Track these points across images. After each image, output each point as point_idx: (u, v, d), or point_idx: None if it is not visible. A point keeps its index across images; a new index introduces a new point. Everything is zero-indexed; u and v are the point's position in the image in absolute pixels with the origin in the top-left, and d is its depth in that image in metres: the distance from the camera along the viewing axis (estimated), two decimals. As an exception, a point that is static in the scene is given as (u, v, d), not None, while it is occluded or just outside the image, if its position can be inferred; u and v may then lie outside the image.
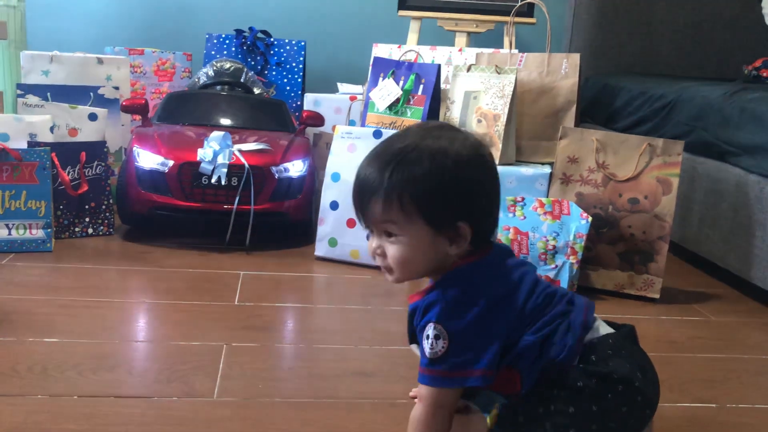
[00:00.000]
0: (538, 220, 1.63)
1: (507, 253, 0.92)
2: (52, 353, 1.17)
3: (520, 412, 0.85)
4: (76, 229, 1.84)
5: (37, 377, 1.09)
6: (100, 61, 2.28)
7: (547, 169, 1.76)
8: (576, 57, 1.89)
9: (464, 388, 0.85)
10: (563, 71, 1.89)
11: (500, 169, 1.72)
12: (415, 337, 0.88)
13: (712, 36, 2.82)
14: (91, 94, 2.13)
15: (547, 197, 1.71)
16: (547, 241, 1.61)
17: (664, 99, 2.09)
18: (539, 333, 0.85)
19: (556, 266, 1.62)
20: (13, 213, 1.70)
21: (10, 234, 1.70)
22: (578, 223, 1.61)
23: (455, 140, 0.85)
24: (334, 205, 1.79)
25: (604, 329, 0.89)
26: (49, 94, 2.07)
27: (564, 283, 1.61)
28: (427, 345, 0.83)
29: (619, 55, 2.80)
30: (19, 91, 2.07)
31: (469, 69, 1.87)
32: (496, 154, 1.78)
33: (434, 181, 0.83)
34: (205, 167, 1.76)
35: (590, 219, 1.61)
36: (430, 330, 0.83)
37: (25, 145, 1.81)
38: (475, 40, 2.48)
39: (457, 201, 0.84)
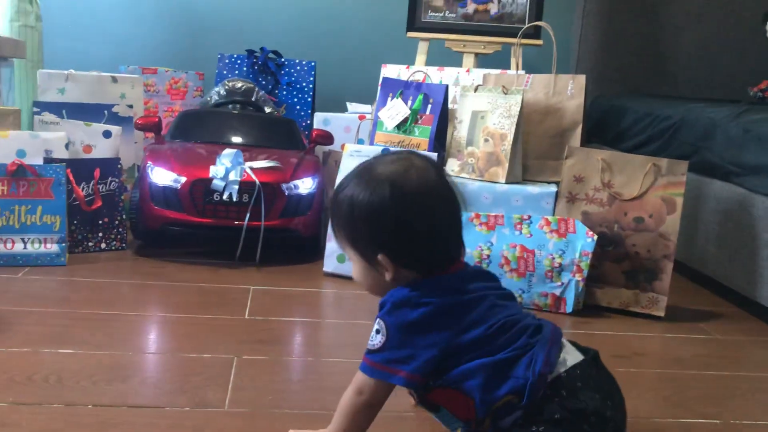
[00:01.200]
0: (545, 238, 1.66)
1: (474, 275, 0.95)
2: (67, 364, 1.19)
3: None
4: (90, 244, 1.88)
5: (53, 387, 1.11)
6: (114, 79, 2.33)
7: (553, 188, 1.79)
8: (582, 78, 1.92)
9: (392, 386, 0.90)
10: (569, 92, 1.92)
11: (507, 187, 1.77)
12: None
13: (718, 58, 2.85)
14: (106, 111, 2.18)
15: (553, 216, 1.73)
16: (553, 258, 1.63)
17: (669, 120, 2.12)
18: (488, 359, 0.87)
19: (562, 284, 1.64)
20: (28, 227, 1.73)
21: (25, 248, 1.73)
22: (584, 241, 1.63)
23: (385, 179, 0.89)
24: (343, 222, 1.82)
25: (573, 358, 0.89)
26: (64, 111, 2.12)
27: (570, 300, 1.63)
28: (371, 336, 0.90)
29: (625, 76, 2.84)
30: (35, 109, 2.12)
31: (476, 89, 1.91)
32: (503, 173, 1.81)
33: (350, 218, 0.92)
34: (217, 184, 1.79)
35: (596, 237, 1.63)
36: (375, 324, 0.90)
37: (41, 161, 1.85)
38: (483, 61, 2.52)
39: (371, 235, 0.91)
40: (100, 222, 1.88)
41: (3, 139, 1.92)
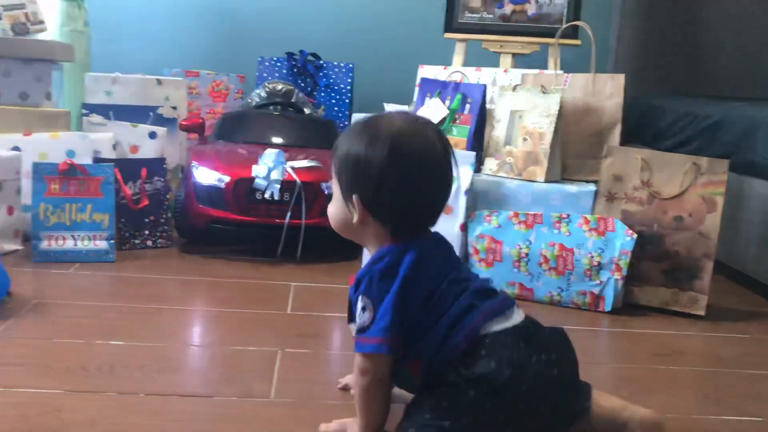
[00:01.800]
0: (583, 237, 1.66)
1: (436, 242, 0.99)
2: (118, 355, 1.24)
3: (412, 404, 0.94)
4: (136, 242, 1.93)
5: (106, 376, 1.16)
6: (159, 82, 2.39)
7: (592, 187, 1.79)
8: (621, 78, 1.92)
9: (391, 356, 0.92)
10: (608, 91, 1.92)
11: (545, 186, 1.78)
12: (353, 316, 0.96)
13: (758, 56, 2.81)
14: (151, 113, 2.24)
15: (592, 214, 1.74)
16: (592, 257, 1.64)
17: (709, 119, 2.11)
18: (439, 324, 0.91)
19: (601, 282, 1.64)
20: (78, 225, 1.79)
21: (75, 245, 1.79)
22: (623, 239, 1.63)
23: (389, 135, 0.93)
24: (382, 221, 1.84)
25: (496, 326, 0.90)
26: (111, 113, 2.19)
27: (609, 298, 1.63)
28: (358, 316, 0.93)
29: (664, 75, 2.82)
30: (83, 111, 2.19)
31: (514, 89, 1.92)
32: (541, 172, 1.82)
33: (346, 154, 0.95)
34: (260, 183, 1.84)
35: (635, 236, 1.63)
36: (359, 302, 0.93)
37: (90, 161, 1.91)
38: (520, 61, 2.53)
39: (354, 178, 0.94)
40: (147, 220, 1.94)
41: (54, 140, 1.99)
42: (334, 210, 1.00)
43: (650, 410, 0.97)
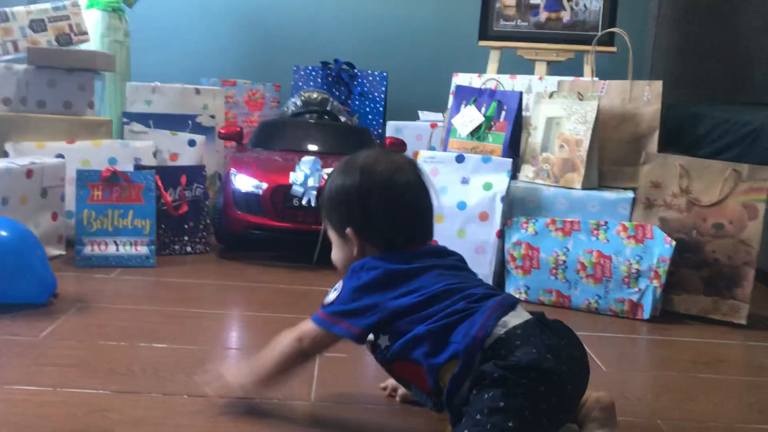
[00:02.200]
0: (621, 244, 1.65)
1: (428, 252, 1.04)
2: (161, 357, 1.26)
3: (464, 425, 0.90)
4: (176, 247, 1.97)
5: (150, 377, 1.18)
6: (197, 91, 2.43)
7: (630, 194, 1.78)
8: (658, 84, 1.91)
9: (331, 338, 1.01)
10: (645, 98, 1.91)
11: (583, 193, 1.78)
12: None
13: (800, 63, 2.77)
14: (190, 121, 2.28)
15: (630, 221, 1.72)
16: (630, 264, 1.63)
17: (749, 126, 2.08)
18: (426, 325, 0.94)
19: (639, 290, 1.63)
20: (121, 230, 1.83)
21: (117, 250, 1.83)
22: (662, 247, 1.62)
23: (359, 166, 1.03)
24: (417, 227, 1.85)
25: (516, 320, 0.92)
26: (151, 121, 2.23)
27: (647, 306, 1.62)
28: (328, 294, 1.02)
29: (702, 82, 2.79)
30: (124, 119, 2.24)
31: (551, 96, 1.92)
32: (579, 178, 1.81)
33: (330, 197, 1.06)
34: (297, 190, 1.86)
35: (674, 243, 1.61)
36: (336, 284, 1.02)
37: (131, 169, 1.95)
38: (555, 68, 2.52)
39: (341, 213, 1.04)
40: (186, 226, 1.97)
41: (96, 148, 2.04)
42: (337, 253, 1.09)
43: (603, 392, 1.00)
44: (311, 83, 2.82)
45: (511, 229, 1.76)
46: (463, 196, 1.81)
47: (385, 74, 2.81)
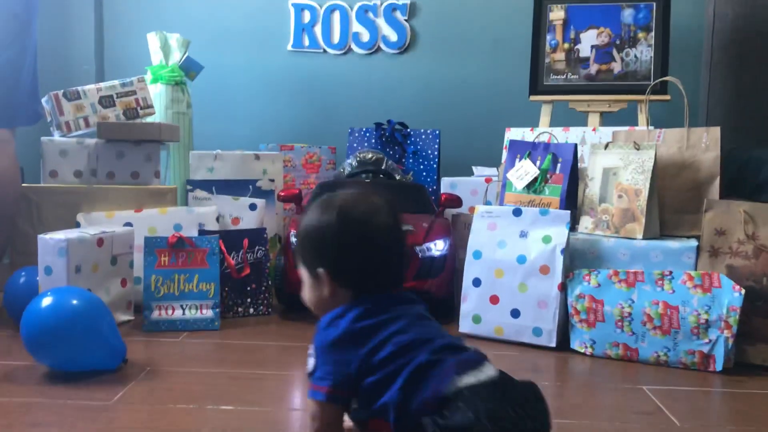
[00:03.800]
0: (688, 294, 1.61)
1: (398, 299, 1.04)
2: (229, 419, 1.28)
3: None
4: (239, 309, 2.00)
5: (219, 440, 1.20)
6: (257, 157, 2.51)
7: (693, 242, 1.74)
8: (716, 130, 1.89)
9: (332, 405, 0.98)
10: (704, 145, 1.89)
11: (645, 243, 1.75)
12: None
13: None
14: (250, 186, 2.35)
15: (696, 270, 1.68)
16: (699, 315, 1.58)
17: (815, 168, 2.03)
18: (395, 382, 0.93)
19: (710, 341, 1.58)
20: (186, 294, 1.88)
21: (183, 314, 1.87)
22: (731, 296, 1.57)
23: (336, 205, 1.03)
24: (476, 282, 1.85)
25: (471, 380, 0.91)
26: (214, 188, 2.31)
27: (720, 358, 1.57)
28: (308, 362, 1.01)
29: (759, 127, 2.73)
30: (188, 187, 2.32)
31: (606, 146, 1.92)
32: (640, 228, 1.78)
33: (304, 236, 1.06)
34: (356, 249, 1.88)
35: (743, 291, 1.57)
36: (309, 348, 1.01)
37: (195, 234, 2.01)
38: (608, 118, 2.52)
39: (315, 252, 1.04)
40: (249, 288, 2.01)
41: (162, 215, 2.12)
42: (307, 293, 1.09)
43: None
44: (366, 144, 2.88)
45: (573, 282, 1.73)
46: (523, 249, 1.80)
47: (437, 132, 2.85)
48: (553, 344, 1.75)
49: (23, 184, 2.15)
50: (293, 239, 1.99)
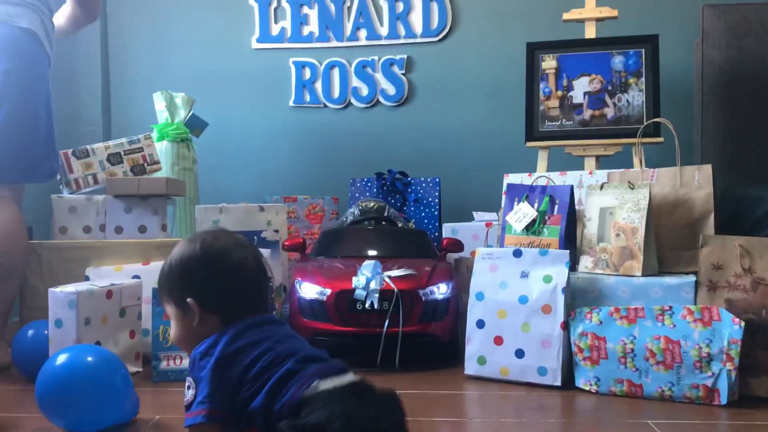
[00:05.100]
0: (689, 328, 1.63)
1: (264, 320, 1.10)
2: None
3: None
4: (246, 358, 2.02)
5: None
6: (261, 209, 2.55)
7: (692, 278, 1.77)
8: (708, 168, 1.94)
9: (211, 424, 1.01)
10: (696, 182, 1.94)
11: (644, 280, 1.78)
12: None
13: None
14: (255, 237, 2.39)
15: (695, 305, 1.71)
16: (701, 348, 1.60)
17: (808, 203, 2.06)
18: (262, 390, 0.99)
19: (713, 374, 1.59)
20: (194, 344, 1.90)
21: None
22: (731, 328, 1.59)
23: (199, 239, 1.12)
24: (480, 324, 1.87)
25: (329, 385, 0.96)
26: (219, 239, 2.34)
27: (723, 391, 1.58)
28: (185, 395, 1.05)
29: (753, 166, 2.78)
30: (195, 239, 2.36)
31: (602, 187, 1.96)
32: (638, 265, 1.82)
33: (169, 271, 1.13)
34: (360, 293, 1.92)
35: (743, 324, 1.59)
36: (186, 382, 1.06)
37: (202, 284, 2.04)
38: (604, 162, 2.57)
39: (182, 283, 1.11)
40: (255, 336, 2.03)
41: (169, 267, 2.14)
42: (176, 329, 1.14)
43: None
44: (367, 194, 2.94)
45: (576, 320, 1.76)
46: (524, 290, 1.83)
47: (437, 180, 2.91)
48: (558, 383, 1.76)
49: (32, 241, 2.19)
50: (294, 287, 2.03)
